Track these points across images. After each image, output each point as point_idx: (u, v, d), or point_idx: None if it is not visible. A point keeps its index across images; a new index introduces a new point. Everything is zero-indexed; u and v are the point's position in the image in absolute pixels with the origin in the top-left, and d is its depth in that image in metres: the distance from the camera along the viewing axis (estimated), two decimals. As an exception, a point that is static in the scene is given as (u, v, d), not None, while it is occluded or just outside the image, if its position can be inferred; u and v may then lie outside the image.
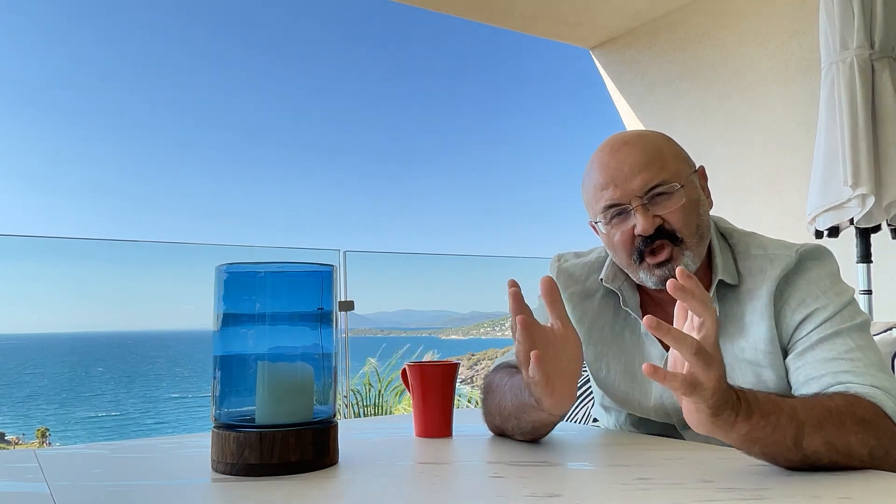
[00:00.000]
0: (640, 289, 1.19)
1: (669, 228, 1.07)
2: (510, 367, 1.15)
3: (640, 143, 1.10)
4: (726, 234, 1.17)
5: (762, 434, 0.80)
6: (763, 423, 0.80)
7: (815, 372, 0.99)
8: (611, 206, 1.09)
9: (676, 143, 1.15)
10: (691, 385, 0.74)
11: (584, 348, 1.21)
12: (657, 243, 1.07)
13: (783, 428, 0.81)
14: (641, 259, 1.09)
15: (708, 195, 1.16)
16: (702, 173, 1.16)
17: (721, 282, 1.11)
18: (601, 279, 1.20)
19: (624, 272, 1.18)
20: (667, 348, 1.12)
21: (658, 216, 1.07)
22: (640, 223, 1.06)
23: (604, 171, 1.10)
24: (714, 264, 1.12)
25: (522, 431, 1.04)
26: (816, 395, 0.92)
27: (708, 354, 0.74)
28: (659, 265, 1.08)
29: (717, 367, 0.75)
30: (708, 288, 1.11)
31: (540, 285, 0.93)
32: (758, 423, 0.79)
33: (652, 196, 1.07)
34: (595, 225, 1.17)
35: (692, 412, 0.78)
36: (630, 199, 1.07)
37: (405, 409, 4.85)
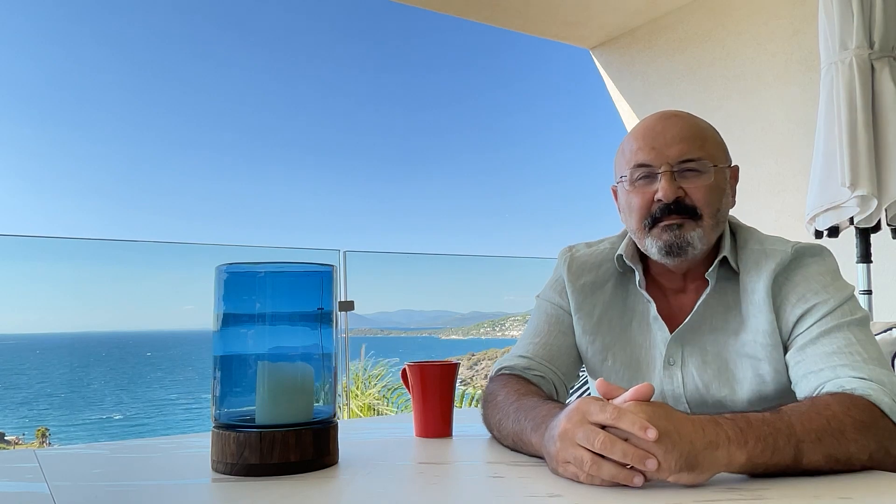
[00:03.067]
0: (648, 274, 1.20)
1: (690, 203, 1.09)
2: (518, 379, 1.15)
3: (688, 119, 1.15)
4: (733, 228, 1.19)
5: (762, 459, 0.80)
6: (761, 448, 0.80)
7: (815, 366, 1.00)
8: (641, 165, 1.11)
9: (720, 136, 1.18)
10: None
11: (590, 340, 1.21)
12: (673, 215, 1.09)
13: (782, 449, 0.81)
14: (653, 225, 1.10)
15: (733, 195, 1.18)
16: (734, 172, 1.19)
17: (725, 266, 1.13)
18: (620, 255, 1.20)
19: (640, 253, 1.19)
20: (672, 331, 1.13)
21: (682, 188, 1.09)
22: (663, 188, 1.08)
23: (647, 133, 1.13)
24: (721, 246, 1.14)
25: (517, 452, 1.02)
26: (812, 402, 0.90)
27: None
28: (668, 228, 1.09)
29: (666, 461, 0.76)
30: (710, 265, 1.13)
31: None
32: (755, 448, 0.79)
33: (683, 169, 1.10)
34: (617, 186, 1.19)
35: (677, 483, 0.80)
36: (661, 164, 1.09)
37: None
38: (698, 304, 1.12)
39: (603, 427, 0.79)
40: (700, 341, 1.12)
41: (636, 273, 1.18)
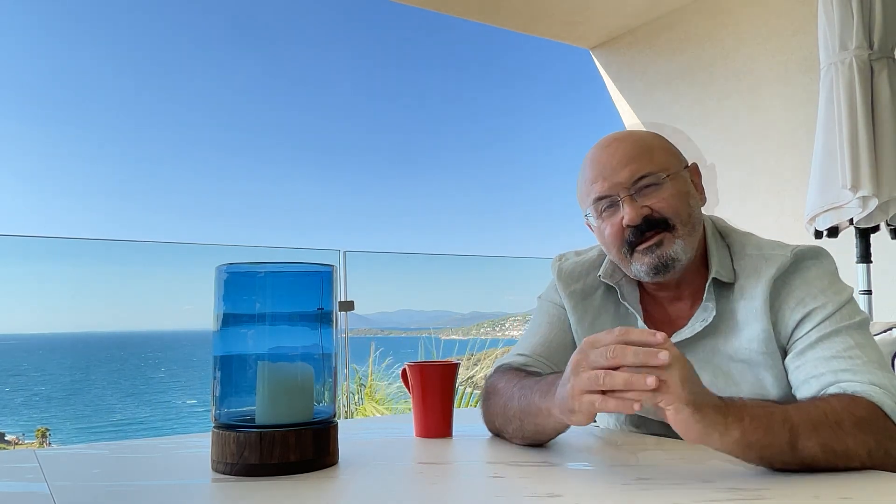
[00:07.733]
0: (640, 284, 1.20)
1: (659, 216, 1.09)
2: (518, 371, 1.14)
3: (629, 139, 1.14)
4: (723, 233, 1.18)
5: (755, 437, 0.80)
6: (755, 426, 0.80)
7: (815, 371, 0.99)
8: (600, 199, 1.11)
9: (667, 141, 1.17)
10: (651, 394, 0.77)
11: None
12: (647, 234, 1.08)
13: (777, 431, 0.81)
14: (632, 251, 1.10)
15: (701, 192, 1.17)
16: (694, 170, 1.18)
17: (716, 280, 1.11)
18: (599, 275, 1.20)
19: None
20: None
21: (646, 206, 1.08)
22: (627, 213, 1.08)
23: (594, 166, 1.13)
24: (710, 262, 1.13)
25: (523, 435, 1.03)
26: (811, 399, 0.92)
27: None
28: (648, 250, 1.08)
29: (678, 366, 0.78)
30: (703, 286, 1.12)
31: None
32: (749, 425, 0.80)
33: (639, 187, 1.09)
34: (588, 221, 1.19)
35: (675, 419, 0.79)
36: (618, 191, 1.09)
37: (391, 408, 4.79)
38: (690, 321, 1.11)
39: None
40: (691, 348, 1.11)
41: (618, 290, 1.19)
